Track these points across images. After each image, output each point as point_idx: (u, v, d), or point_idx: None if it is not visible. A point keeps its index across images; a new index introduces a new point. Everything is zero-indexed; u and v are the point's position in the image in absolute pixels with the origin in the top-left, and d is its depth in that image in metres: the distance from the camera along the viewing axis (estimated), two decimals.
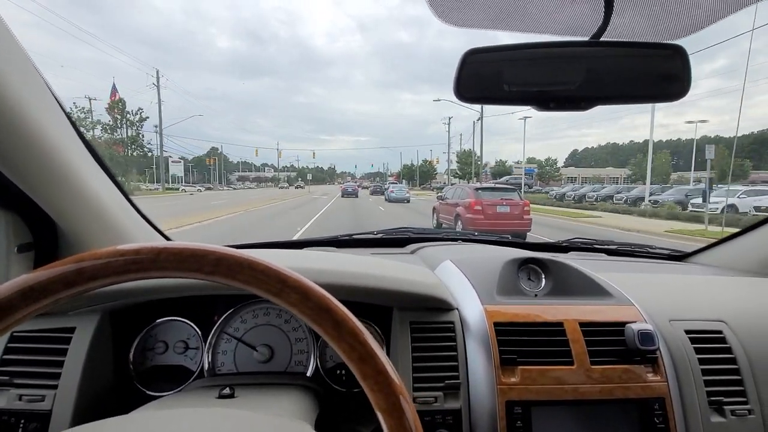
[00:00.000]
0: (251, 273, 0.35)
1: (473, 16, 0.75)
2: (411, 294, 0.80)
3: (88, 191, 0.80)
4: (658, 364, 0.78)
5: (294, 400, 0.73)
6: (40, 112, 0.66)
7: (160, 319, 0.88)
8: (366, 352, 0.35)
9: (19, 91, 0.61)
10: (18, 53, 0.63)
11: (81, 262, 0.33)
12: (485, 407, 0.73)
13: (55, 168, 0.72)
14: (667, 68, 0.68)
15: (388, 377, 0.35)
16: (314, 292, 0.36)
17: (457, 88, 0.71)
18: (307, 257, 0.92)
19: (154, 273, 0.34)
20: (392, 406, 0.34)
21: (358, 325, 0.36)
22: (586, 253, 1.53)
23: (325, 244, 1.50)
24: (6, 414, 0.69)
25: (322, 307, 0.35)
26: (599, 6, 0.67)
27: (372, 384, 0.35)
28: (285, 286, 0.35)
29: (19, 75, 0.61)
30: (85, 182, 0.79)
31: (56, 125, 0.71)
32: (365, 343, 0.35)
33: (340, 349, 0.35)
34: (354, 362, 0.35)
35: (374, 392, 0.35)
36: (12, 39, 0.62)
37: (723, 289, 1.06)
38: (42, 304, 0.32)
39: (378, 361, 0.35)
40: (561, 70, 0.72)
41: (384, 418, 0.35)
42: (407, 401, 0.35)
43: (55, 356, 0.74)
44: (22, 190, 0.72)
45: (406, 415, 0.34)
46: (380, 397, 0.34)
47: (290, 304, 0.35)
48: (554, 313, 0.83)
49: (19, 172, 0.69)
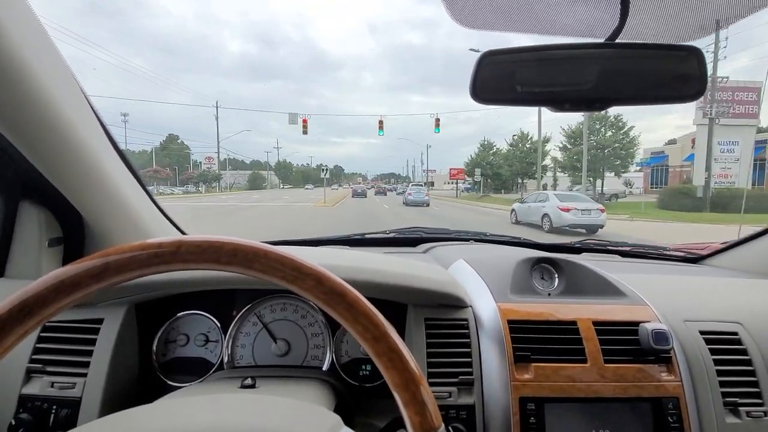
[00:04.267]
0: (267, 261, 0.37)
1: (488, 18, 0.77)
2: (426, 291, 0.82)
3: (115, 188, 0.84)
4: (672, 364, 0.78)
5: (313, 391, 0.75)
6: (74, 111, 0.69)
7: (182, 312, 0.91)
8: (379, 332, 0.37)
9: (54, 91, 0.64)
10: (54, 54, 0.66)
11: (107, 256, 0.35)
12: (499, 403, 0.74)
13: (86, 165, 0.75)
14: (683, 69, 0.69)
15: (400, 354, 0.37)
16: (328, 277, 0.38)
17: (473, 89, 0.73)
18: (324, 254, 0.94)
19: (176, 265, 0.37)
20: (406, 381, 0.36)
21: (371, 307, 0.38)
22: (599, 254, 1.53)
23: (337, 242, 1.52)
24: (39, 400, 0.72)
25: (335, 291, 0.37)
26: (614, 8, 0.68)
27: (386, 362, 0.37)
28: (300, 273, 0.37)
29: (55, 76, 0.65)
30: (113, 179, 0.83)
31: (87, 124, 0.75)
32: (378, 324, 0.37)
33: (355, 331, 0.37)
34: (368, 342, 0.37)
35: (388, 369, 0.37)
36: (48, 40, 0.66)
37: (738, 291, 1.05)
38: (73, 298, 0.34)
39: (390, 340, 0.37)
40: (576, 71, 0.73)
41: (398, 393, 0.36)
42: (420, 376, 0.37)
43: (85, 346, 0.77)
44: (53, 186, 0.76)
45: (419, 388, 0.36)
46: (394, 374, 0.36)
47: (305, 289, 0.37)
48: (568, 311, 0.84)
49: (53, 169, 0.72)
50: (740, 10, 0.69)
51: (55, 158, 0.71)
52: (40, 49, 0.62)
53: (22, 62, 0.57)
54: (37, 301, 0.33)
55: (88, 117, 0.76)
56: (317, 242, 1.51)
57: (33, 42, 0.60)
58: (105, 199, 0.84)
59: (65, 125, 0.68)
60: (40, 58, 0.61)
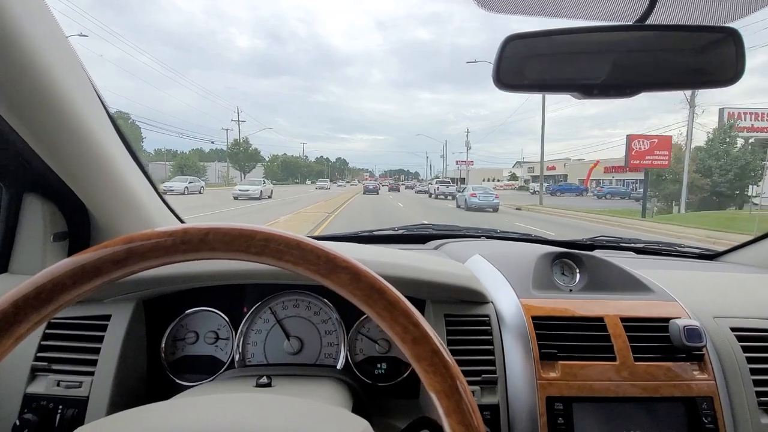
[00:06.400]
0: (300, 253, 0.34)
1: (514, 3, 0.73)
2: (446, 285, 0.79)
3: (123, 181, 0.81)
4: (704, 362, 0.75)
5: (330, 390, 0.72)
6: (82, 102, 0.67)
7: (191, 309, 0.88)
8: (420, 333, 0.34)
9: (64, 83, 0.62)
10: (65, 47, 0.64)
11: (131, 242, 0.32)
12: (524, 403, 0.71)
13: (95, 158, 0.73)
14: (719, 53, 0.66)
15: (443, 358, 0.34)
16: (365, 272, 0.35)
17: (497, 75, 0.69)
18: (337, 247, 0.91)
19: (203, 254, 0.34)
20: (450, 388, 0.34)
21: (411, 306, 0.35)
22: (612, 251, 1.49)
23: (346, 239, 1.49)
24: (45, 399, 0.69)
25: (374, 287, 0.34)
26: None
27: (426, 366, 0.34)
28: (335, 266, 0.35)
29: (63, 67, 0.62)
30: (120, 173, 0.80)
31: (96, 117, 0.72)
32: (419, 325, 0.34)
33: (393, 332, 0.35)
34: (407, 344, 0.34)
35: (429, 374, 0.34)
36: (60, 33, 0.63)
37: (765, 287, 1.02)
38: (93, 285, 0.32)
39: (432, 342, 0.34)
40: (604, 56, 0.70)
41: (440, 400, 0.34)
42: (463, 383, 0.34)
43: (92, 343, 0.74)
44: (59, 179, 0.73)
45: (464, 397, 0.34)
46: (436, 379, 0.34)
47: (340, 285, 0.35)
48: (593, 307, 0.81)
49: (60, 160, 0.70)
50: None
51: (62, 150, 0.68)
52: (50, 39, 0.59)
53: (31, 54, 0.55)
54: (55, 287, 0.30)
55: (96, 108, 0.73)
56: (326, 240, 1.48)
57: (42, 32, 0.57)
58: (112, 193, 0.81)
59: (73, 117, 0.65)
60: (49, 50, 0.59)
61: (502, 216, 15.27)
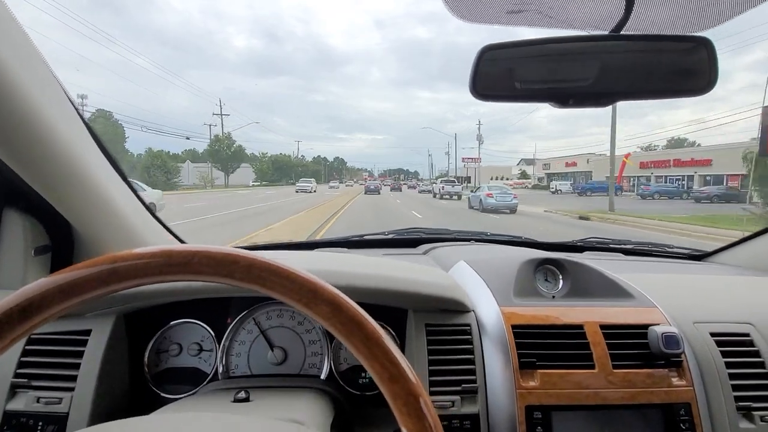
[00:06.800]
0: (281, 281, 0.34)
1: (488, 12, 0.73)
2: (426, 296, 0.79)
3: (104, 194, 0.81)
4: (683, 368, 0.75)
5: (310, 404, 0.72)
6: (56, 115, 0.66)
7: (174, 321, 0.88)
8: (398, 372, 0.34)
9: (35, 95, 0.61)
10: (35, 58, 0.63)
11: (115, 262, 0.33)
12: (504, 412, 0.71)
13: (71, 171, 0.72)
14: (692, 61, 0.66)
15: (418, 399, 0.33)
16: (346, 305, 0.34)
17: (474, 85, 0.70)
18: (320, 258, 0.92)
19: (187, 276, 0.34)
20: (424, 430, 0.33)
21: (389, 341, 0.35)
22: (601, 252, 1.50)
23: (335, 244, 1.49)
24: (24, 416, 0.69)
25: (353, 321, 0.34)
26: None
27: (401, 406, 0.33)
28: (316, 297, 0.34)
29: (36, 80, 0.62)
30: (100, 185, 0.79)
31: (71, 128, 0.71)
32: (397, 364, 0.34)
33: (371, 368, 0.34)
34: (384, 382, 0.34)
35: (404, 415, 0.33)
36: (30, 44, 0.63)
37: (748, 290, 1.02)
38: (75, 301, 0.32)
39: (410, 383, 0.34)
40: (580, 65, 0.70)
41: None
42: (439, 428, 0.34)
43: (72, 358, 0.74)
44: (39, 193, 0.73)
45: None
46: (410, 421, 0.33)
47: (321, 316, 0.34)
48: (574, 315, 0.81)
49: (36, 175, 0.69)
50: None
51: (37, 164, 0.68)
52: (20, 55, 0.59)
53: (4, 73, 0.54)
54: (31, 305, 0.31)
55: (72, 120, 0.73)
56: (315, 245, 1.48)
57: (11, 47, 0.57)
58: (92, 205, 0.80)
59: (46, 128, 0.64)
60: (21, 66, 0.58)
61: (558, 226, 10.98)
